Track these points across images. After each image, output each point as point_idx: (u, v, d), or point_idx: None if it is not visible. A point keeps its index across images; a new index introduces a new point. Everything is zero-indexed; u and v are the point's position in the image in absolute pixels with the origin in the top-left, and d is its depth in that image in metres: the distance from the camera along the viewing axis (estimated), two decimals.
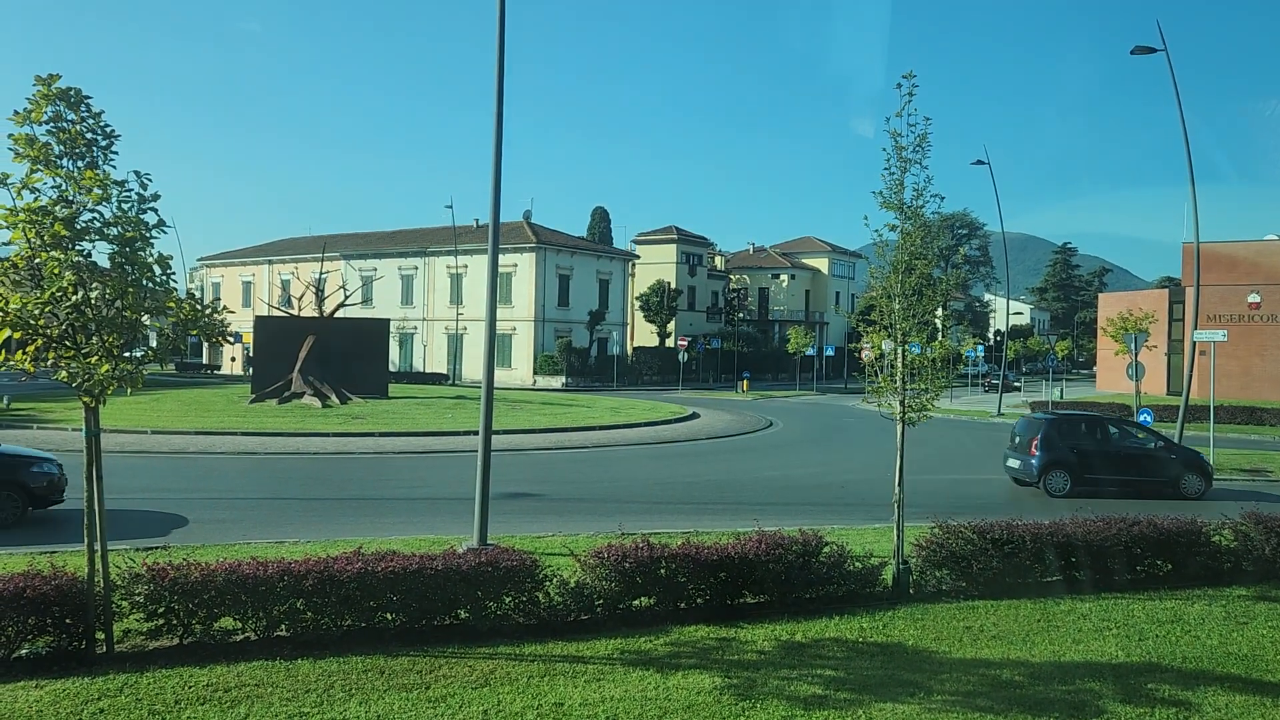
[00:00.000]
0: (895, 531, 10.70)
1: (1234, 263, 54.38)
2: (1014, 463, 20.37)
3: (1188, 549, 11.56)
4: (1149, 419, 24.21)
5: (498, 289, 13.45)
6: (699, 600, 9.67)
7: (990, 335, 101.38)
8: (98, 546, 7.80)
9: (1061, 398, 47.36)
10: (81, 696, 7.00)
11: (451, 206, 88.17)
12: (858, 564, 10.33)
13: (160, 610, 8.04)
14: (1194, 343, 27.61)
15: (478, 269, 62.54)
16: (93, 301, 7.27)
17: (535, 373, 61.10)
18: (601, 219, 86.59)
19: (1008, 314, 56.65)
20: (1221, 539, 11.93)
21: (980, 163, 41.35)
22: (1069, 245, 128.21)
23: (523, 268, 62.37)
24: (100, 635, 7.94)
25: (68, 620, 7.79)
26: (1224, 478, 22.71)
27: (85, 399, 7.50)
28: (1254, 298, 52.71)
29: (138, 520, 14.02)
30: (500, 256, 37.53)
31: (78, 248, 7.30)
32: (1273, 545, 11.77)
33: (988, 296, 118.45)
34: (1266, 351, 52.14)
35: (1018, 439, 20.62)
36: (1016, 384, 66.70)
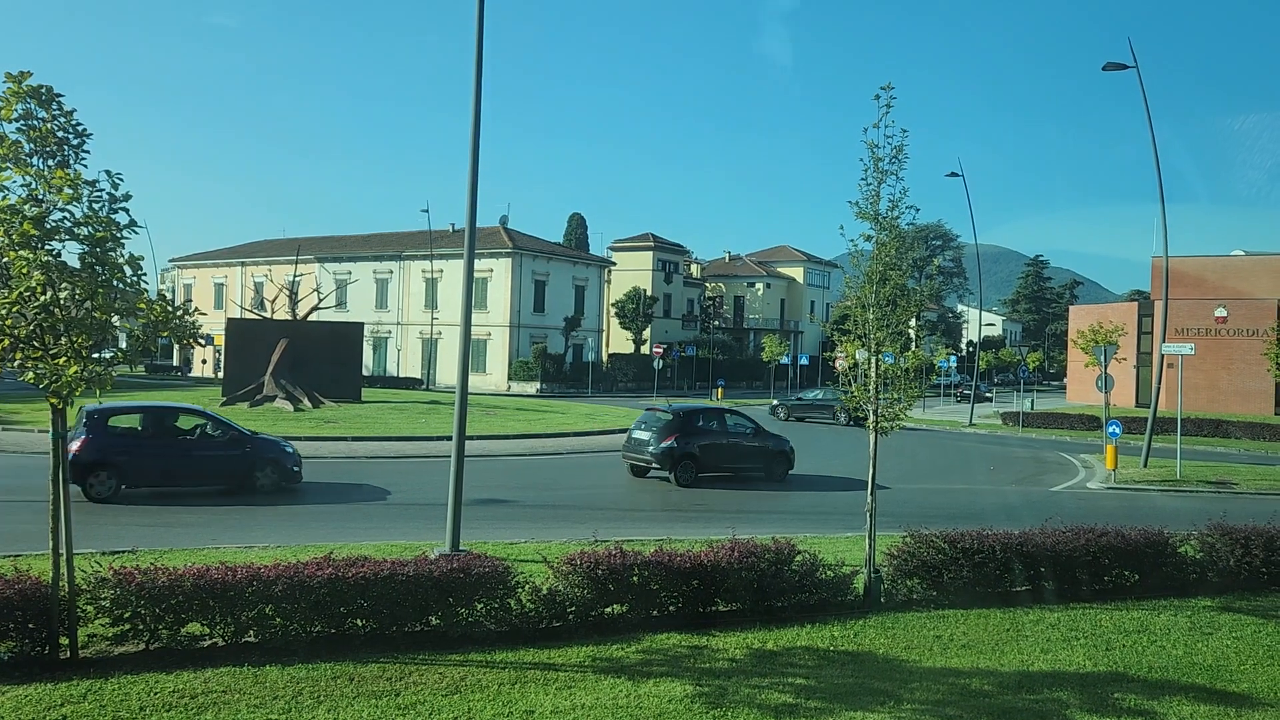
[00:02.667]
0: (867, 540, 10.75)
1: (1202, 278, 55.27)
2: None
3: (1154, 560, 11.69)
4: (1118, 430, 24.52)
5: (473, 294, 13.41)
6: (671, 608, 9.67)
7: (963, 346, 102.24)
8: (63, 550, 7.69)
9: (1033, 408, 47.82)
10: (44, 703, 6.89)
11: (428, 211, 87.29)
12: (829, 573, 10.37)
13: (126, 615, 7.93)
14: (1162, 356, 28.03)
15: (453, 274, 62.25)
16: (62, 302, 7.19)
17: (510, 378, 60.90)
18: (578, 225, 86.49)
19: (980, 325, 57.33)
20: (1187, 550, 12.09)
21: (954, 175, 41.84)
22: (1041, 258, 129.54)
23: (499, 273, 62.19)
24: (64, 640, 7.81)
25: (31, 625, 7.66)
26: (1189, 489, 23.02)
27: (53, 400, 7.40)
28: (1221, 312, 53.57)
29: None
30: (476, 261, 37.44)
31: (47, 247, 7.21)
32: (1237, 556, 11.95)
33: (960, 308, 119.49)
34: (1233, 365, 52.97)
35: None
36: (988, 395, 67.29)
